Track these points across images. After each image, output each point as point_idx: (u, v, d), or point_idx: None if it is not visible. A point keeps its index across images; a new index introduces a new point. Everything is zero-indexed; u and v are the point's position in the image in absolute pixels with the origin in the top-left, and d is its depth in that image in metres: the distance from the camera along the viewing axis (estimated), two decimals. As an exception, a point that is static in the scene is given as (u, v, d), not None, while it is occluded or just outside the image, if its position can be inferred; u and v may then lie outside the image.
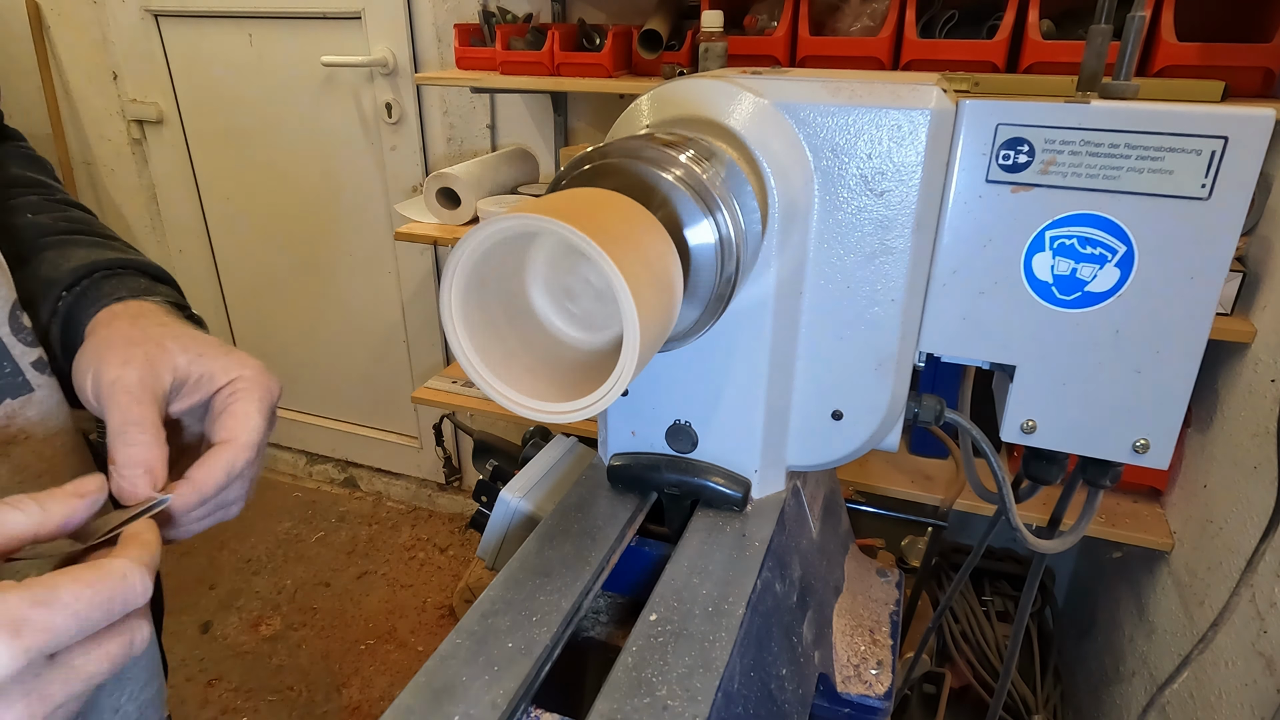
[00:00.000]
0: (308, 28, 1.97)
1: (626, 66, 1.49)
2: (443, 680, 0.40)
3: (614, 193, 0.36)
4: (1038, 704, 1.39)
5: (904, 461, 1.48)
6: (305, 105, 2.06)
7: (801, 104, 0.46)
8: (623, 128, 0.48)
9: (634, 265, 0.31)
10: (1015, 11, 1.19)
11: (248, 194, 2.27)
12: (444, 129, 1.94)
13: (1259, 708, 0.98)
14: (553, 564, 0.49)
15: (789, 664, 0.51)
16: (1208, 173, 0.43)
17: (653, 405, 0.55)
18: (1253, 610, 1.02)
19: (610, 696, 0.39)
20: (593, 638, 0.54)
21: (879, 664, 0.63)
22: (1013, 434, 0.53)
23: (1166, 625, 1.27)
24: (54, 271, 0.51)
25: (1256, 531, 1.02)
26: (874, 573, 0.72)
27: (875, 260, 0.48)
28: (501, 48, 1.47)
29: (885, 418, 0.52)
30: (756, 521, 0.54)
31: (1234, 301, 1.15)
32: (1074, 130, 0.45)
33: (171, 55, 2.16)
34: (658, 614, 0.45)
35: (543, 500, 0.72)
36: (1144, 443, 0.50)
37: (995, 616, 1.45)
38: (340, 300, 2.30)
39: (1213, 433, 1.21)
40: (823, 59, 1.30)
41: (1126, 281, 0.47)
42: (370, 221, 2.14)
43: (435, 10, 1.82)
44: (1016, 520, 0.60)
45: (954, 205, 0.48)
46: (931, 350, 0.53)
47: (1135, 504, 1.36)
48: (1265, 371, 1.09)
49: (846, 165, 0.47)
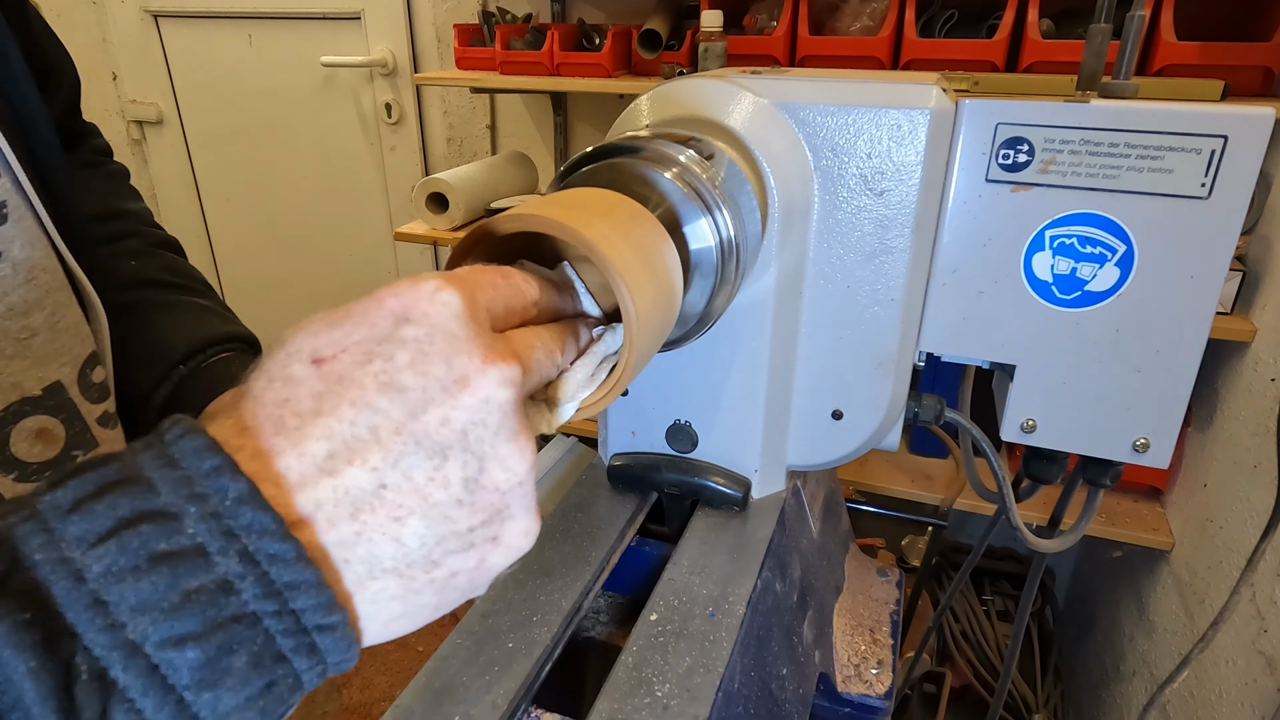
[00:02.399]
0: (307, 28, 1.97)
1: (626, 66, 1.49)
2: (443, 680, 0.40)
3: (613, 192, 0.36)
4: (1038, 703, 1.39)
5: (904, 461, 1.48)
6: (305, 105, 2.06)
7: (801, 104, 0.46)
8: (622, 127, 0.48)
9: (634, 265, 0.31)
10: (1015, 11, 1.19)
11: (248, 194, 2.26)
12: (444, 129, 1.94)
13: (1259, 706, 0.98)
14: (553, 564, 0.49)
15: (789, 663, 0.51)
16: (1207, 172, 0.43)
17: (653, 405, 0.55)
18: (1253, 609, 1.02)
19: (611, 696, 0.39)
20: (593, 638, 0.54)
21: (879, 663, 0.63)
22: (1013, 433, 0.53)
23: (1167, 624, 1.27)
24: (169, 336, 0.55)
25: (1256, 530, 1.02)
26: (874, 572, 0.72)
27: (875, 260, 0.48)
28: (501, 48, 1.47)
29: (885, 417, 0.52)
30: (756, 521, 0.54)
31: (1234, 300, 1.15)
32: (1074, 130, 0.45)
33: (171, 55, 2.16)
34: (658, 614, 0.45)
35: (543, 500, 0.72)
36: (1144, 442, 0.50)
37: (995, 616, 1.45)
38: (340, 300, 2.28)
39: (1213, 432, 1.21)
40: (822, 59, 1.30)
41: (1126, 281, 0.47)
42: (370, 221, 2.14)
43: (435, 10, 1.82)
44: (1017, 520, 0.60)
45: (954, 205, 0.48)
46: (931, 350, 0.53)
47: (1135, 503, 1.36)
48: (1265, 370, 1.09)
49: (846, 165, 0.47)
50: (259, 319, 2.64)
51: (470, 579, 0.25)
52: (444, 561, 0.24)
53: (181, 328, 0.56)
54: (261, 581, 0.21)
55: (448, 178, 1.51)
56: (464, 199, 1.52)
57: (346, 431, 0.22)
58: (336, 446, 0.22)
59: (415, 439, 0.23)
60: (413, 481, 0.23)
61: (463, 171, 1.56)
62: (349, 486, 0.22)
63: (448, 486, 0.23)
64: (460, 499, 0.24)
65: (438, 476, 0.23)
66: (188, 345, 0.55)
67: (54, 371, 0.44)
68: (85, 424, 0.46)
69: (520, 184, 1.69)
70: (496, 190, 1.61)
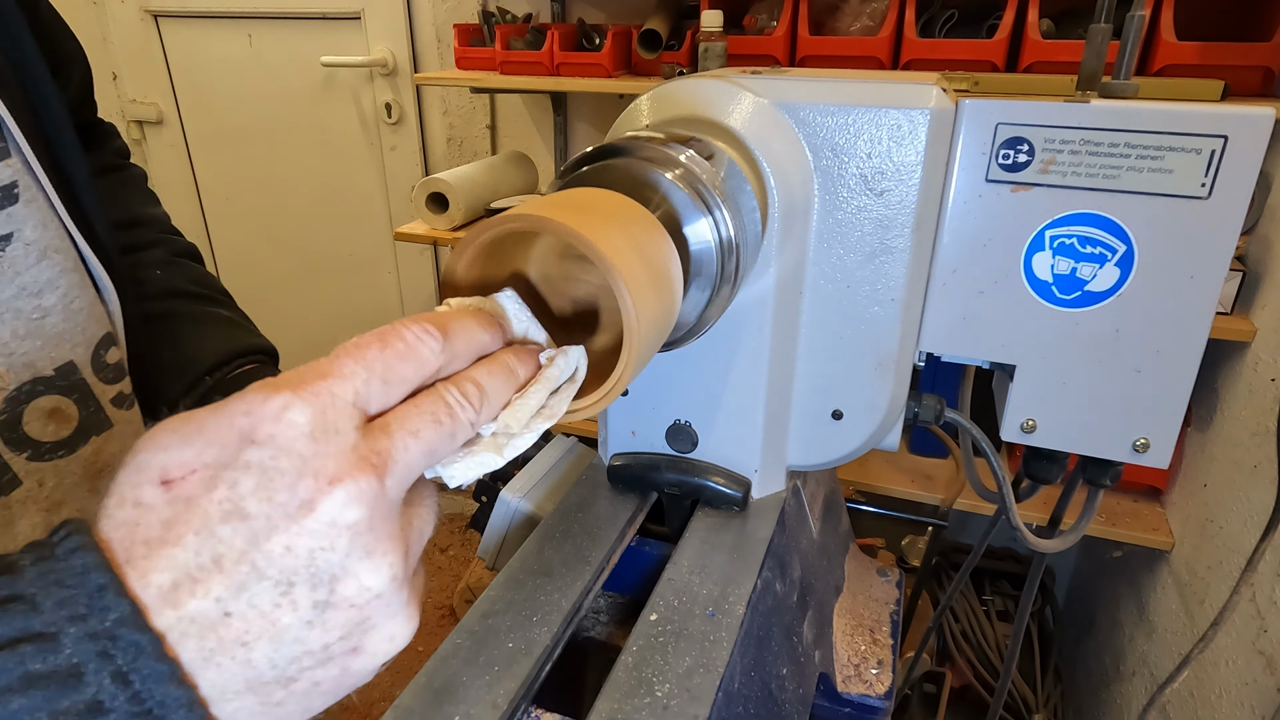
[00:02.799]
0: (307, 28, 1.97)
1: (626, 66, 1.49)
2: (443, 680, 0.40)
3: (613, 192, 0.36)
4: (1038, 703, 1.39)
5: (904, 461, 1.48)
6: (305, 105, 2.06)
7: (801, 104, 0.46)
8: (622, 127, 0.48)
9: (634, 265, 0.31)
10: (1015, 11, 1.19)
11: (248, 194, 2.26)
12: (444, 129, 1.94)
13: (1259, 706, 0.98)
14: (553, 564, 0.49)
15: (789, 663, 0.51)
16: (1207, 172, 0.43)
17: (653, 405, 0.55)
18: (1253, 609, 1.02)
19: (611, 696, 0.39)
20: (593, 638, 0.54)
21: (879, 663, 0.63)
22: (1013, 433, 0.53)
23: (1167, 624, 1.27)
24: (197, 347, 0.57)
25: (1256, 530, 1.02)
26: (874, 572, 0.72)
27: (875, 260, 0.48)
28: (501, 48, 1.47)
29: (885, 417, 0.52)
30: (756, 521, 0.54)
31: (1234, 300, 1.15)
32: (1074, 130, 0.45)
33: (171, 55, 2.16)
34: (658, 614, 0.45)
35: (543, 500, 0.72)
36: (1144, 442, 0.50)
37: (995, 616, 1.45)
38: (340, 300, 2.30)
39: (1213, 432, 1.21)
40: (822, 59, 1.30)
41: (1126, 281, 0.47)
42: (370, 221, 2.14)
43: (435, 10, 1.82)
44: (1016, 520, 0.60)
45: (954, 205, 0.48)
46: (931, 350, 0.53)
47: (1135, 503, 1.36)
48: (1265, 370, 1.09)
49: (846, 165, 0.47)
50: (259, 319, 2.63)
51: (337, 684, 0.25)
52: (301, 676, 0.24)
53: (208, 339, 0.58)
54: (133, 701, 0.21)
55: (448, 178, 1.51)
56: (464, 199, 1.52)
57: (191, 561, 0.22)
58: (180, 577, 0.22)
59: (258, 568, 0.22)
60: (258, 608, 0.22)
61: (463, 171, 1.56)
62: (193, 616, 0.22)
63: (296, 610, 0.23)
64: (310, 620, 0.23)
65: (284, 602, 0.23)
66: (215, 357, 0.57)
67: (67, 352, 0.44)
68: (99, 404, 0.47)
69: (520, 184, 1.69)
70: (496, 190, 1.61)
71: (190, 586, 0.22)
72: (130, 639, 0.21)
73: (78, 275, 0.45)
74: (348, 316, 2.32)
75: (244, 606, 0.22)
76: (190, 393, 0.55)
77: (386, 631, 0.25)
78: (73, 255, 0.45)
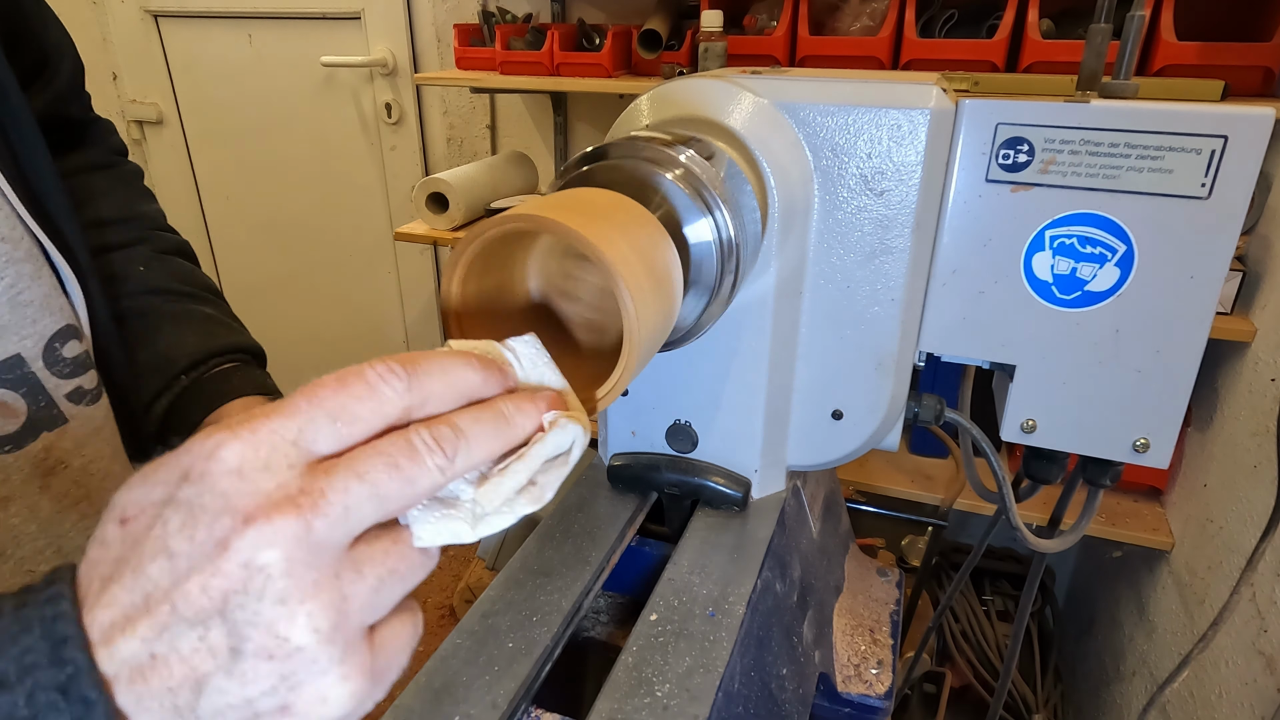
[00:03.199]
0: (307, 28, 1.97)
1: (626, 66, 1.49)
2: (443, 680, 0.40)
3: (613, 192, 0.36)
4: (1038, 703, 1.39)
5: (904, 461, 1.48)
6: (305, 105, 2.06)
7: (801, 104, 0.46)
8: (622, 127, 0.48)
9: (634, 266, 0.31)
10: (1015, 11, 1.19)
11: (248, 194, 2.26)
12: (444, 129, 1.94)
13: (1259, 707, 0.98)
14: (553, 564, 0.49)
15: (789, 663, 0.51)
16: (1207, 172, 0.43)
17: (653, 405, 0.55)
18: (1253, 609, 1.02)
19: (610, 696, 0.39)
20: (593, 638, 0.54)
21: (879, 663, 0.63)
22: (1013, 433, 0.53)
23: (1166, 624, 1.27)
24: (173, 346, 0.55)
25: (1256, 530, 1.02)
26: (874, 572, 0.72)
27: (875, 260, 0.48)
28: (501, 48, 1.47)
29: (885, 417, 0.52)
30: (756, 521, 0.54)
31: (1234, 300, 1.15)
32: (1074, 130, 0.45)
33: (171, 55, 2.16)
34: (658, 614, 0.45)
35: (543, 500, 0.72)
36: (1144, 442, 0.50)
37: (995, 616, 1.45)
38: (340, 300, 2.30)
39: (1213, 432, 1.21)
40: (822, 59, 1.30)
41: (1126, 281, 0.47)
42: (370, 221, 2.14)
43: (435, 10, 1.82)
44: (1016, 520, 0.60)
45: (954, 205, 0.48)
46: (931, 350, 0.53)
47: (1135, 503, 1.36)
48: (1265, 370, 1.09)
49: (846, 165, 0.47)
50: (259, 319, 2.64)
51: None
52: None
53: (186, 338, 0.56)
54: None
55: (448, 178, 1.51)
56: (464, 199, 1.52)
57: (126, 600, 0.22)
58: (116, 616, 0.22)
59: (177, 609, 0.22)
60: (179, 652, 0.22)
61: (463, 171, 1.56)
62: (125, 656, 0.22)
63: (214, 656, 0.22)
64: (228, 669, 0.22)
65: (202, 647, 0.22)
66: (191, 356, 0.55)
67: (14, 344, 0.43)
68: (51, 399, 0.45)
69: (520, 184, 1.69)
70: (496, 190, 1.61)
71: (123, 624, 0.22)
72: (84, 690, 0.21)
73: (30, 266, 0.43)
74: (348, 316, 2.32)
75: (165, 649, 0.22)
76: (166, 392, 0.54)
77: (315, 691, 0.23)
78: (25, 244, 0.43)
